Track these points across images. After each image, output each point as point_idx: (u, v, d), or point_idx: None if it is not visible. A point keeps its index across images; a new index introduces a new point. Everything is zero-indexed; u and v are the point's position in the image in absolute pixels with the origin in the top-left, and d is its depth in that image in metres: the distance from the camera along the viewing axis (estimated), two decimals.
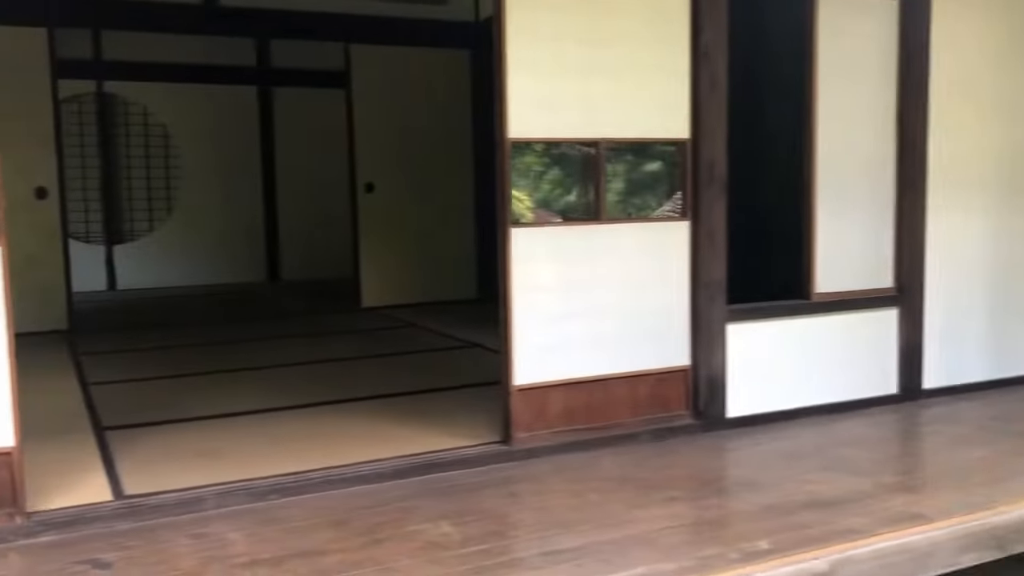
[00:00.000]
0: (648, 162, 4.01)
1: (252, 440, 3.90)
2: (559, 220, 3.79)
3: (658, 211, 4.01)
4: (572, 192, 3.84)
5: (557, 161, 3.83)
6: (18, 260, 6.78)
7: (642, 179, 4.01)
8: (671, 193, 4.03)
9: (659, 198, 4.04)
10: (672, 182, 4.02)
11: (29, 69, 6.70)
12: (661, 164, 4.01)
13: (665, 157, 4.01)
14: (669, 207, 4.03)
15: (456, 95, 8.19)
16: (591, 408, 3.85)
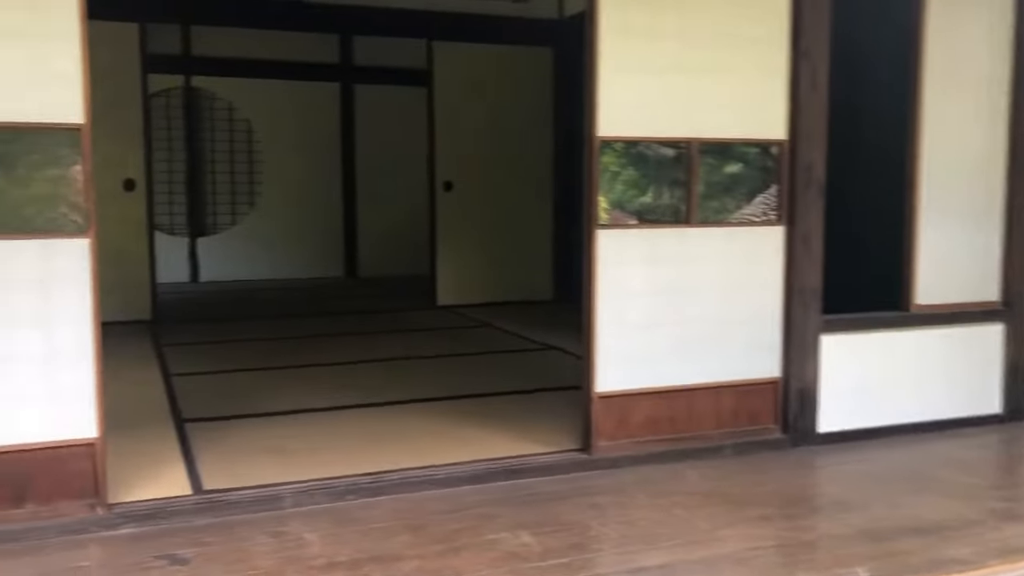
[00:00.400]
0: (741, 163, 3.85)
1: (329, 437, 3.87)
2: (646, 223, 3.65)
3: (751, 215, 3.85)
4: (661, 194, 3.70)
5: (645, 161, 3.69)
6: (106, 252, 6.97)
7: (734, 181, 3.85)
8: (765, 196, 3.86)
9: (752, 201, 3.87)
10: (766, 185, 3.85)
11: (121, 64, 6.84)
12: (755, 166, 3.85)
13: (759, 158, 3.85)
14: (762, 211, 3.86)
15: (538, 94, 8.10)
16: (675, 418, 3.72)
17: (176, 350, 5.96)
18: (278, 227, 10.57)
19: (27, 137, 2.79)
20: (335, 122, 10.75)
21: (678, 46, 3.57)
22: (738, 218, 3.80)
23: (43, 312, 2.81)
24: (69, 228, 2.85)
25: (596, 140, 3.45)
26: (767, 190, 3.84)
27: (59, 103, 2.78)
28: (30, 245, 2.79)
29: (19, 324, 2.79)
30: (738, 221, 3.80)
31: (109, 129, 6.84)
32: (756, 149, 3.82)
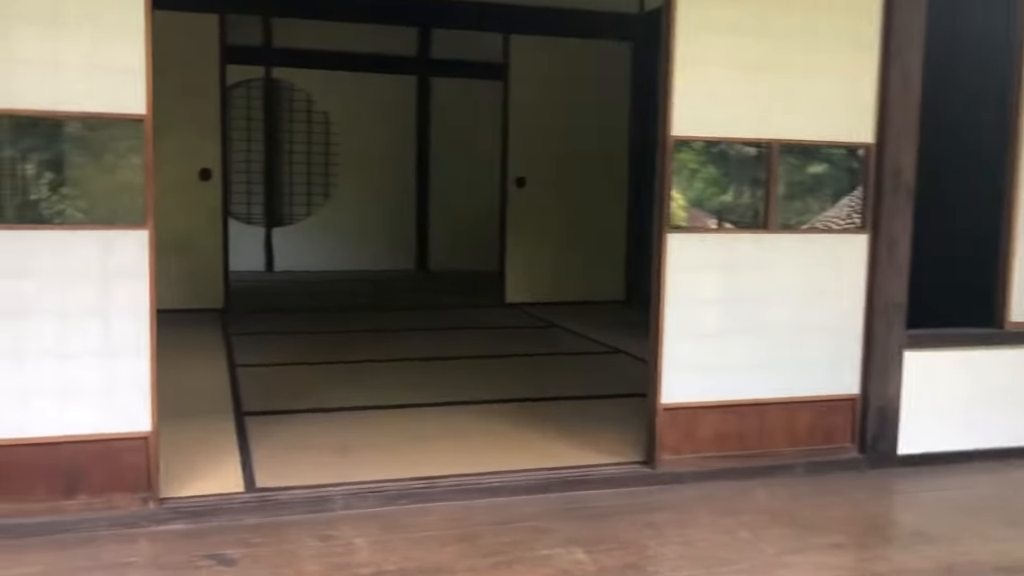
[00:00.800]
0: (824, 166, 3.65)
1: (385, 437, 3.80)
2: (720, 226, 3.49)
3: (832, 221, 3.64)
4: (736, 197, 3.53)
5: (721, 162, 3.52)
6: (180, 240, 7.11)
7: (816, 185, 3.65)
8: (848, 201, 3.64)
9: (834, 207, 3.66)
10: (850, 189, 3.64)
11: (199, 54, 6.92)
12: (838, 169, 3.64)
13: (843, 161, 3.64)
14: (845, 216, 3.65)
15: (615, 90, 7.93)
16: (744, 434, 3.54)
17: (244, 340, 5.99)
18: (352, 219, 10.63)
19: (88, 127, 2.77)
20: (411, 115, 10.76)
21: (759, 43, 3.39)
22: (818, 224, 3.60)
23: (100, 304, 2.79)
24: (128, 220, 2.82)
25: (670, 140, 3.29)
26: (850, 195, 3.63)
27: (122, 93, 2.75)
28: (89, 236, 2.77)
29: (76, 315, 2.78)
30: (818, 227, 3.59)
31: (186, 119, 6.94)
32: (841, 151, 3.61)
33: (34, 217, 2.76)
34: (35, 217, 2.76)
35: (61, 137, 2.75)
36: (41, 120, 2.71)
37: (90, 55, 2.71)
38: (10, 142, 2.72)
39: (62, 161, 2.78)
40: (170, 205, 6.90)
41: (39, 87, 2.67)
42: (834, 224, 3.62)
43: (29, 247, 2.71)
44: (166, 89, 6.70)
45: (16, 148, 2.73)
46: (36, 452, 2.79)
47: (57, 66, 2.69)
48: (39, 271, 2.73)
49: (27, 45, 2.66)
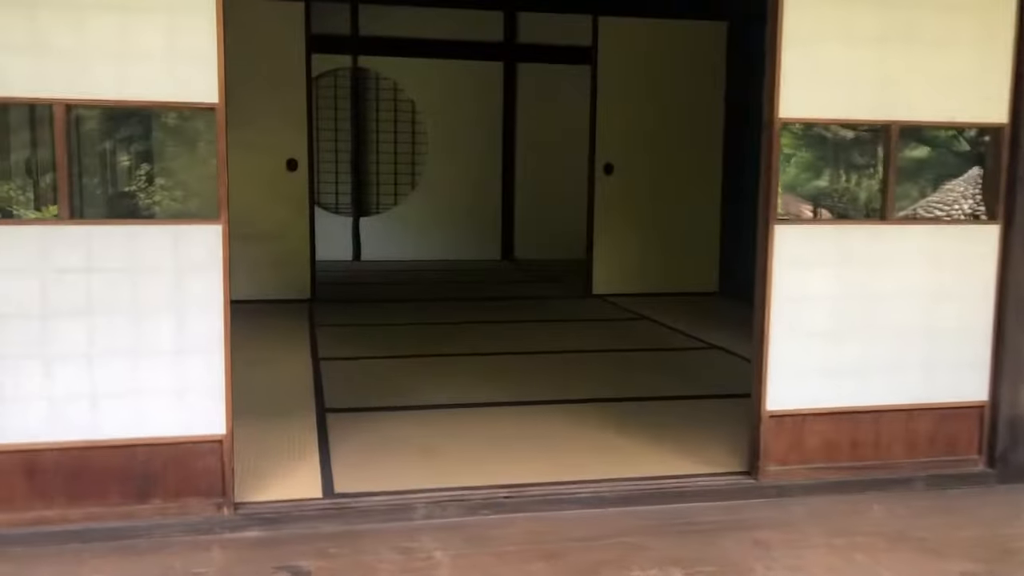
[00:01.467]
0: (948, 151, 3.30)
1: (470, 439, 3.63)
2: (831, 217, 3.19)
3: (957, 211, 3.30)
4: (849, 183, 3.22)
5: (830, 147, 3.22)
6: (268, 230, 7.10)
7: (939, 171, 3.31)
8: (976, 191, 3.29)
9: (959, 196, 3.32)
10: (979, 177, 3.29)
11: (285, 43, 6.87)
12: (966, 154, 3.30)
13: (972, 145, 3.29)
14: (971, 207, 3.30)
15: (708, 71, 7.58)
16: (857, 443, 3.24)
17: (329, 331, 5.92)
18: (438, 208, 10.54)
19: (158, 117, 2.65)
20: (497, 102, 10.59)
21: (875, 14, 3.06)
22: (941, 214, 3.26)
23: (172, 302, 2.68)
24: (201, 213, 2.70)
25: (777, 122, 3.00)
26: (979, 183, 3.28)
27: (192, 81, 2.62)
28: (159, 231, 2.65)
29: (148, 314, 2.68)
30: (941, 218, 3.26)
31: (272, 109, 6.91)
32: (969, 134, 3.26)
33: (102, 212, 2.67)
34: (103, 212, 2.67)
35: (129, 128, 2.65)
36: (108, 109, 2.61)
37: (158, 41, 2.59)
38: (77, 134, 2.62)
39: (131, 153, 2.67)
40: (257, 196, 6.91)
41: (105, 75, 2.56)
42: (960, 215, 3.27)
43: (98, 243, 2.61)
44: (253, 79, 6.78)
45: (83, 140, 2.64)
46: (108, 455, 2.70)
47: (124, 54, 2.57)
48: (109, 268, 2.63)
49: (93, 31, 2.55)
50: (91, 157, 2.65)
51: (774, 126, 3.00)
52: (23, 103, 2.59)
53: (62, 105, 2.55)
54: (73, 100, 2.56)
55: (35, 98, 2.55)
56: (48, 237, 2.59)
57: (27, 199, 2.70)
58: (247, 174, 6.81)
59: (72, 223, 2.60)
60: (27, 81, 2.52)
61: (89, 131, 2.65)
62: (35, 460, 2.67)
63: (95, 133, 2.67)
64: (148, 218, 2.68)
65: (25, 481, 2.67)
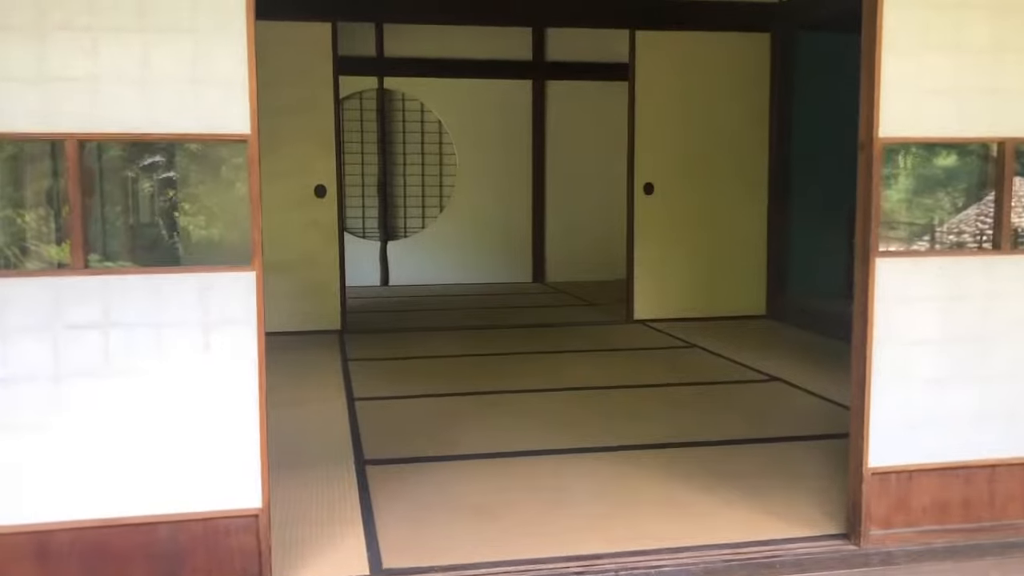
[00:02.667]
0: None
1: (527, 495, 3.28)
2: (937, 248, 2.83)
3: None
4: (957, 210, 2.86)
5: (936, 168, 2.87)
6: (297, 259, 6.80)
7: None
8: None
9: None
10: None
11: (313, 66, 6.61)
12: None
13: None
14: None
15: (752, 85, 7.24)
16: (971, 502, 2.86)
17: (363, 367, 5.61)
18: (467, 230, 10.26)
19: (183, 150, 2.35)
20: (526, 121, 10.31)
21: (987, 20, 2.71)
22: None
23: (200, 360, 2.37)
24: (231, 259, 2.38)
25: (878, 143, 2.65)
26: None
27: (220, 110, 2.31)
28: (183, 280, 2.33)
29: (171, 374, 2.36)
30: None
31: (300, 134, 6.65)
32: None
33: (117, 259, 2.36)
34: (119, 259, 2.36)
35: (150, 164, 2.34)
36: (124, 145, 2.31)
37: (181, 67, 2.29)
38: (90, 171, 2.32)
39: (151, 193, 2.36)
40: (285, 224, 6.63)
41: (123, 105, 2.26)
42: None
43: (113, 295, 2.30)
44: (280, 105, 6.51)
45: (97, 179, 2.34)
46: (129, 534, 2.38)
47: (144, 81, 2.27)
48: (125, 323, 2.31)
49: (110, 57, 2.25)
50: (97, 198, 2.35)
51: (875, 146, 2.65)
52: (30, 139, 2.29)
53: (75, 140, 2.25)
54: (87, 135, 2.26)
55: (44, 133, 2.25)
56: (59, 289, 2.28)
57: (38, 243, 2.40)
58: (274, 202, 6.52)
59: (86, 273, 2.30)
60: (33, 114, 2.22)
61: (105, 168, 2.34)
62: (47, 541, 2.36)
63: (102, 171, 2.36)
64: (169, 266, 2.36)
65: (37, 566, 2.36)
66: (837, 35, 7.05)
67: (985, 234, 2.82)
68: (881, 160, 2.66)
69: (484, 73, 10.06)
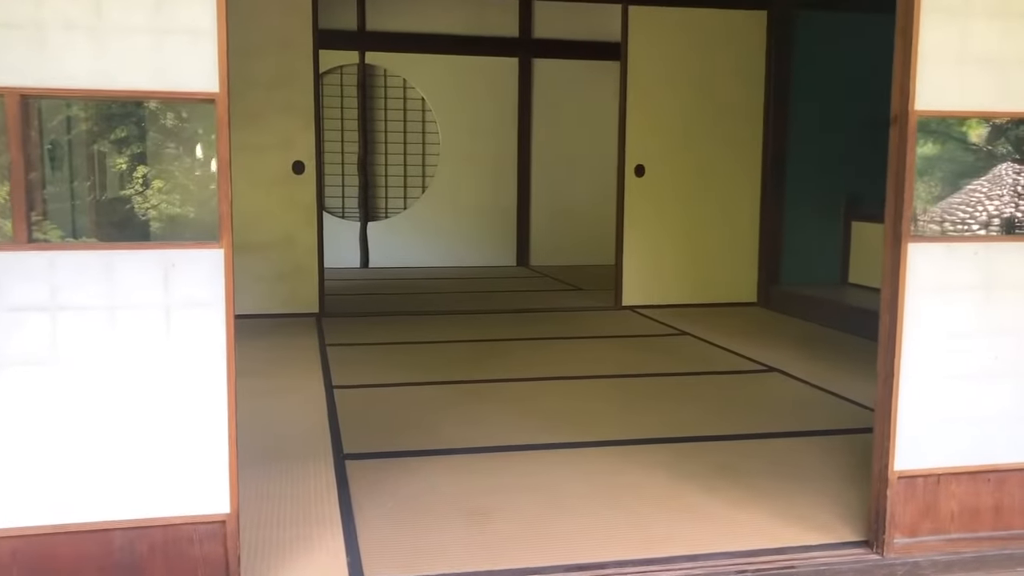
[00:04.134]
0: None
1: (523, 495, 3.03)
2: (970, 234, 2.61)
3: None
4: (994, 193, 2.64)
5: (969, 145, 2.64)
6: (274, 239, 6.51)
7: None
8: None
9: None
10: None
11: (293, 38, 6.31)
12: None
13: None
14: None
15: (747, 63, 7.01)
16: (1002, 508, 2.65)
17: (342, 352, 5.35)
18: (450, 212, 10.01)
19: (143, 111, 2.07)
20: (512, 99, 10.05)
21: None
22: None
23: (161, 347, 2.10)
24: (196, 235, 2.11)
25: (912, 116, 2.41)
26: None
27: (187, 66, 2.03)
28: (145, 258, 2.06)
29: (131, 363, 2.09)
30: None
31: (278, 108, 6.36)
32: None
33: (68, 233, 2.09)
34: (70, 233, 2.09)
35: (104, 125, 2.06)
36: (75, 103, 2.03)
37: (140, 15, 2.01)
38: (35, 133, 2.04)
39: (107, 159, 2.09)
40: (260, 202, 6.34)
41: (73, 57, 1.98)
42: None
43: (64, 274, 2.03)
44: (257, 77, 6.20)
45: (43, 140, 2.05)
46: (80, 542, 2.12)
47: (97, 30, 1.99)
48: (77, 305, 2.04)
49: (54, 1, 1.97)
50: (43, 162, 2.07)
51: (909, 120, 2.41)
52: None
53: (16, 96, 1.96)
54: (30, 90, 1.98)
55: None
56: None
57: None
58: (250, 178, 6.25)
59: (30, 248, 2.02)
60: None
61: (53, 129, 2.06)
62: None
63: (60, 131, 2.08)
64: (126, 241, 2.08)
65: None
66: (836, 13, 6.83)
67: (1017, 216, 2.59)
68: (915, 136, 2.42)
69: (469, 50, 9.79)
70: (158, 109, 2.07)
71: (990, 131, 2.61)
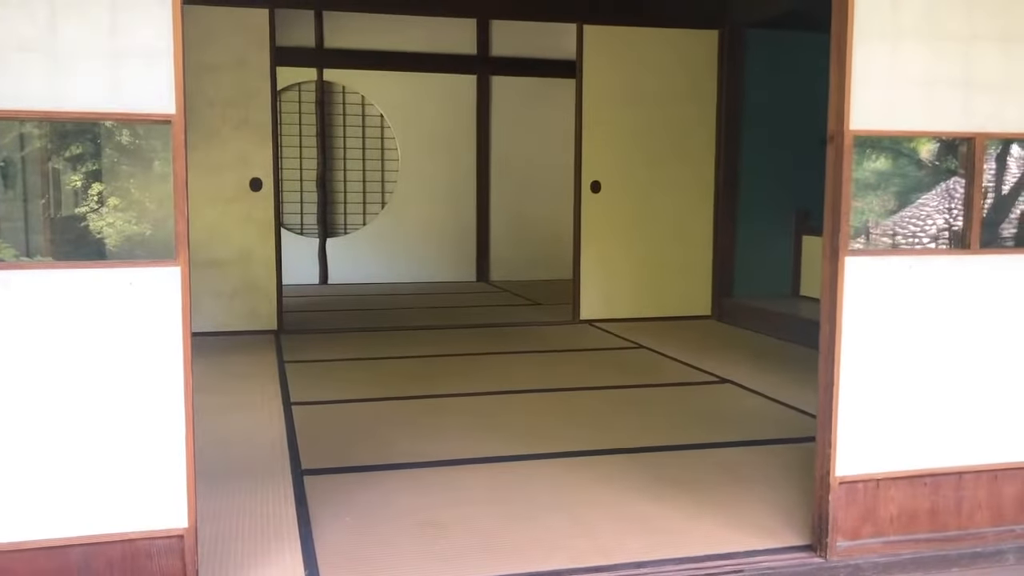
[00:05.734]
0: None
1: (478, 507, 3.08)
2: (904, 247, 2.73)
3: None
4: (924, 207, 2.76)
5: (903, 163, 2.77)
6: (232, 256, 6.50)
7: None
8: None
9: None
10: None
11: (249, 54, 6.34)
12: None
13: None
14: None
15: (700, 81, 7.17)
16: (937, 511, 2.76)
17: (300, 369, 5.36)
18: (409, 228, 10.06)
19: (99, 131, 2.11)
20: (470, 116, 10.14)
21: (963, 6, 2.61)
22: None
23: (118, 363, 2.13)
24: (152, 253, 2.15)
25: (848, 136, 2.53)
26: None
27: (144, 87, 2.07)
28: (102, 276, 2.09)
29: (87, 379, 2.12)
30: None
31: (236, 125, 6.37)
32: None
33: (23, 252, 2.11)
34: (24, 252, 2.11)
35: (58, 145, 2.09)
36: (27, 123, 2.06)
37: (96, 36, 2.05)
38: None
39: (63, 178, 2.12)
40: (217, 218, 6.34)
41: (25, 78, 2.01)
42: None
43: (16, 291, 2.05)
44: (214, 95, 6.21)
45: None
46: (35, 559, 2.13)
47: (52, 51, 2.02)
48: (32, 322, 2.06)
49: (10, 21, 2.00)
50: (8, 180, 2.10)
51: (845, 140, 2.52)
52: None
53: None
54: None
55: None
56: None
57: None
58: (208, 195, 6.26)
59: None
60: None
61: (5, 147, 2.09)
62: None
63: (12, 149, 2.11)
64: (80, 260, 2.11)
65: None
66: (786, 32, 7.02)
67: (953, 232, 2.72)
68: (851, 154, 2.53)
69: (428, 67, 9.87)
70: (114, 128, 2.11)
71: (922, 149, 2.73)
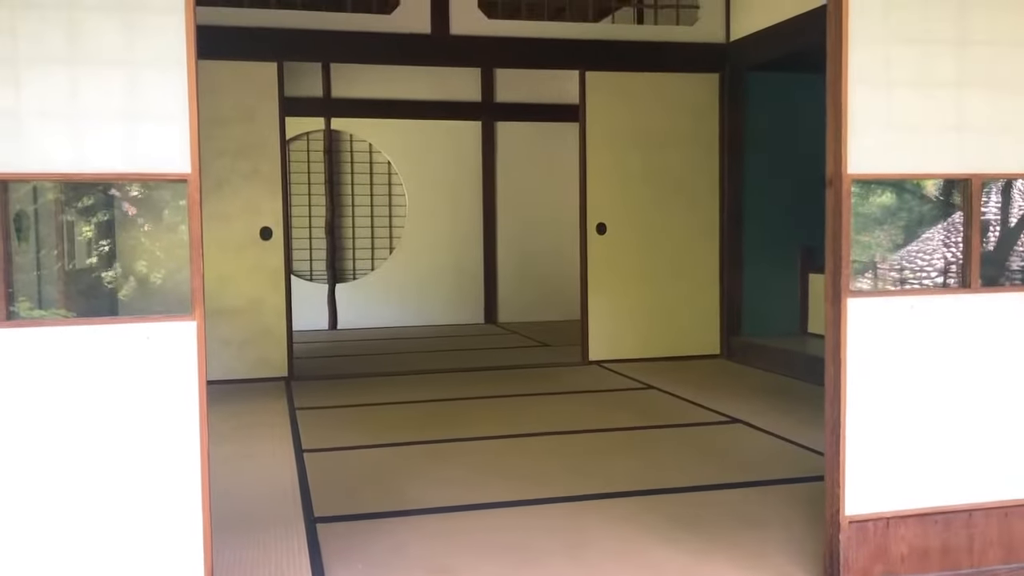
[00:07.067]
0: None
1: (493, 554, 3.09)
2: (907, 287, 2.77)
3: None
4: (925, 247, 2.80)
5: (902, 204, 2.82)
6: (242, 304, 6.57)
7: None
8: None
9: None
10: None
11: (259, 107, 6.46)
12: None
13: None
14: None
15: (702, 124, 7.27)
16: (949, 548, 2.77)
17: (311, 416, 5.39)
18: (417, 272, 10.13)
19: (118, 191, 2.18)
20: (476, 162, 10.26)
21: (953, 54, 2.67)
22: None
23: (136, 418, 2.17)
24: (171, 307, 2.20)
25: (846, 179, 2.58)
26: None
27: (160, 148, 2.15)
28: (120, 331, 2.15)
29: (104, 434, 2.16)
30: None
31: (246, 175, 6.48)
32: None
33: (47, 309, 2.17)
34: (47, 309, 2.17)
35: (78, 206, 2.16)
36: (49, 187, 2.13)
37: (114, 101, 2.13)
38: (16, 214, 2.13)
39: (83, 237, 2.18)
40: (228, 267, 6.42)
41: (47, 143, 2.09)
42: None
43: (29, 350, 2.10)
44: (225, 146, 6.33)
45: (15, 223, 2.15)
46: None
47: (73, 117, 2.10)
48: (51, 375, 2.12)
49: (34, 89, 2.08)
50: (37, 239, 2.16)
51: (843, 183, 2.58)
52: None
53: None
54: (9, 176, 2.08)
55: None
56: None
57: None
58: (219, 245, 6.34)
59: (7, 325, 2.10)
60: None
61: (21, 201, 2.16)
62: None
63: (39, 212, 2.18)
64: (95, 316, 2.17)
65: None
66: (785, 74, 7.12)
67: (960, 266, 2.75)
68: (851, 198, 2.58)
69: (433, 114, 10.01)
70: (133, 189, 2.18)
71: (926, 184, 2.78)
